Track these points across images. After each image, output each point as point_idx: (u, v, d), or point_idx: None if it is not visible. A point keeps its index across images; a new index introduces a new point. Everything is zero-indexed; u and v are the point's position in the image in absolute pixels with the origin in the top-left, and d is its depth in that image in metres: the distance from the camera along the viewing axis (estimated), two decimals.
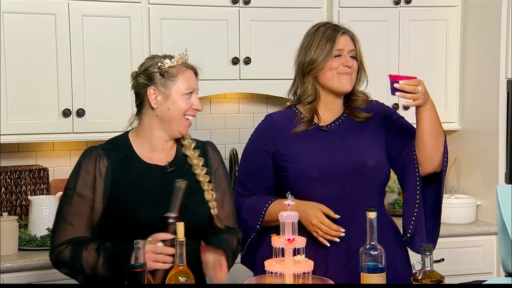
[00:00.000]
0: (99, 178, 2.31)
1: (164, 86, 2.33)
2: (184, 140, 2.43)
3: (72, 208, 2.31)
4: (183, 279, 2.04)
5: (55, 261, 2.32)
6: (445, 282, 2.11)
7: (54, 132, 3.29)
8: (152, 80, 2.34)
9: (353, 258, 2.34)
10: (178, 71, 2.34)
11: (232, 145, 3.88)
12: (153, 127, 2.37)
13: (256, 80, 3.63)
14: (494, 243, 3.66)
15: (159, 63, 2.34)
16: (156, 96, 2.34)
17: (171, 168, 2.37)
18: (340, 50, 2.47)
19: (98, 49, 3.32)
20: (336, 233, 2.37)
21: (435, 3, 3.83)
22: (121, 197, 2.30)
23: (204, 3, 3.51)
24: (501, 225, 2.15)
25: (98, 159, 2.33)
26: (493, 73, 3.65)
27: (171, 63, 2.34)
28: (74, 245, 2.28)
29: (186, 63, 2.38)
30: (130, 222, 2.27)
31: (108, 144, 2.40)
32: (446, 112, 3.90)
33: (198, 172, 2.40)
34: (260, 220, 2.48)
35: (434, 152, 2.46)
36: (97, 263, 2.23)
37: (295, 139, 2.48)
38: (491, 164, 3.68)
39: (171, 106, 2.34)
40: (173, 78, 2.33)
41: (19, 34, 3.20)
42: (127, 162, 2.35)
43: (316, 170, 2.42)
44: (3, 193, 3.39)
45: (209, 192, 2.39)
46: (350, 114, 2.53)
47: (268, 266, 2.06)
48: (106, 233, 2.31)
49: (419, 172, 2.47)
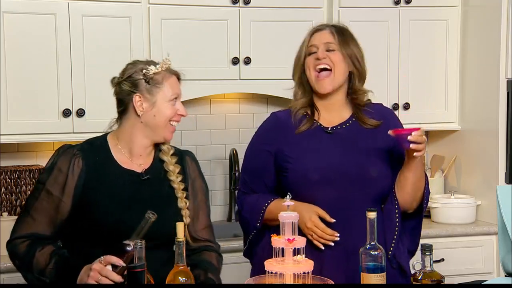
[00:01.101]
0: (71, 179, 2.29)
1: (149, 93, 2.32)
2: (164, 145, 2.41)
3: (38, 204, 2.30)
4: (183, 279, 2.03)
5: (9, 252, 2.32)
6: (445, 282, 2.11)
7: (54, 132, 3.29)
8: (137, 87, 2.33)
9: (350, 262, 2.34)
10: (163, 78, 2.33)
11: (232, 145, 3.88)
12: (135, 132, 2.35)
13: (256, 80, 3.63)
14: (494, 243, 3.65)
15: (144, 70, 2.32)
16: (142, 103, 2.32)
17: (147, 176, 2.36)
18: (313, 45, 2.46)
19: (98, 49, 3.32)
20: (330, 237, 2.36)
21: (435, 3, 3.83)
22: (92, 199, 2.28)
23: (204, 3, 3.51)
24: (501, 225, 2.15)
25: (73, 159, 2.31)
26: (493, 73, 3.65)
27: (156, 70, 2.32)
28: (31, 242, 2.28)
29: (170, 69, 2.36)
30: (98, 225, 2.26)
31: (86, 144, 2.38)
32: (446, 112, 3.90)
33: (173, 179, 2.38)
34: (260, 219, 2.48)
35: (411, 199, 2.46)
36: (46, 267, 2.23)
37: (298, 140, 2.47)
38: (491, 164, 3.68)
39: (156, 113, 2.32)
40: (159, 85, 2.32)
41: (19, 34, 3.20)
42: (102, 165, 2.33)
43: (316, 173, 2.40)
44: (3, 193, 3.39)
45: (182, 200, 2.37)
46: (359, 120, 2.50)
47: (268, 266, 2.06)
48: (72, 233, 2.30)
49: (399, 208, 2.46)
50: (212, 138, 3.90)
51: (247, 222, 2.53)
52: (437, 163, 4.01)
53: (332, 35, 2.46)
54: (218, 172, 3.91)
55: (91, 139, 2.42)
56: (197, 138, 3.84)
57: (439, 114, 3.90)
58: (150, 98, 2.32)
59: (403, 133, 2.32)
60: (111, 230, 2.24)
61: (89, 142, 2.40)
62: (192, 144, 3.80)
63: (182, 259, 2.04)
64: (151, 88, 2.31)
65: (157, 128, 2.34)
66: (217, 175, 3.91)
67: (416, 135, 2.30)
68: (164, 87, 2.32)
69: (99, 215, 2.26)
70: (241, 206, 2.56)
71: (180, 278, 2.03)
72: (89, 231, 2.27)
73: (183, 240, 2.05)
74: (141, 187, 2.34)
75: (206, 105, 3.85)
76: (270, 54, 3.61)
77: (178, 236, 2.05)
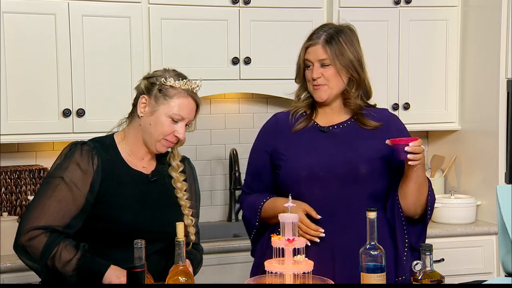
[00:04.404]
0: (90, 174, 2.27)
1: (155, 101, 2.31)
2: (175, 149, 2.41)
3: (56, 194, 2.25)
4: (183, 279, 2.04)
5: (25, 245, 2.23)
6: (445, 282, 2.11)
7: (54, 132, 3.29)
8: (149, 90, 2.33)
9: (338, 261, 2.36)
10: (176, 94, 2.31)
11: (232, 145, 3.88)
12: (137, 135, 2.36)
13: (256, 80, 3.63)
14: (494, 243, 3.66)
15: (162, 78, 2.31)
16: (146, 106, 2.32)
17: (154, 178, 2.37)
18: (308, 60, 2.46)
19: (98, 49, 3.32)
20: (315, 233, 2.37)
21: (435, 3, 3.83)
22: (106, 198, 2.28)
23: (204, 3, 3.51)
24: (501, 225, 2.15)
25: (91, 154, 2.30)
26: (493, 73, 3.65)
27: (173, 84, 2.31)
28: (51, 233, 2.22)
29: (190, 91, 2.33)
30: (111, 224, 2.26)
31: (96, 142, 2.36)
32: (446, 112, 3.90)
33: (179, 186, 2.39)
34: (257, 217, 2.49)
35: (415, 207, 2.45)
36: (72, 258, 2.19)
37: (293, 139, 2.48)
38: (491, 164, 3.68)
39: (153, 123, 2.31)
40: (168, 97, 2.30)
41: (19, 34, 3.20)
42: (113, 164, 2.33)
43: (304, 170, 2.41)
44: (3, 193, 3.39)
45: (183, 200, 2.39)
46: (358, 121, 2.49)
47: (268, 266, 2.06)
48: (84, 232, 2.28)
49: (404, 216, 2.45)
50: (212, 138, 3.90)
51: (247, 222, 2.56)
52: (437, 163, 4.01)
53: (324, 50, 2.42)
54: (218, 172, 3.92)
55: (98, 137, 2.41)
56: (197, 138, 3.84)
57: (439, 114, 3.90)
58: (154, 105, 2.31)
59: (400, 144, 2.30)
60: (125, 230, 2.25)
61: (98, 140, 2.39)
62: (192, 144, 3.80)
63: (182, 259, 2.05)
64: (160, 97, 2.31)
65: (151, 137, 2.33)
66: (217, 175, 3.91)
67: (413, 146, 2.29)
68: (172, 102, 2.30)
69: (112, 215, 2.27)
70: (242, 206, 2.60)
71: (180, 278, 2.03)
72: (104, 231, 2.27)
73: (183, 240, 2.05)
74: (149, 188, 2.35)
75: (206, 105, 3.85)
76: (270, 54, 3.61)
77: (178, 236, 2.06)
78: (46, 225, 2.23)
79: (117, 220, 2.26)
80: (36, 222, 2.24)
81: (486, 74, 3.71)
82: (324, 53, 2.43)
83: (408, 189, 2.41)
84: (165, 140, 2.34)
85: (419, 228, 2.49)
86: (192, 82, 2.33)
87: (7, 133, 3.20)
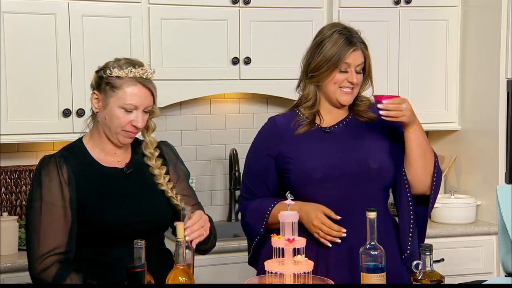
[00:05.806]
0: (64, 184, 2.25)
1: (105, 94, 2.27)
2: (147, 137, 2.38)
3: (44, 218, 2.22)
4: (183, 279, 2.03)
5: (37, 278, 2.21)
6: (445, 282, 2.11)
7: (54, 132, 3.29)
8: (98, 85, 2.30)
9: (355, 259, 2.33)
10: (123, 84, 2.26)
11: (232, 145, 3.88)
12: (101, 132, 2.34)
13: (256, 80, 3.63)
14: (494, 243, 3.66)
15: (108, 70, 2.27)
16: (98, 101, 2.30)
17: (129, 170, 2.35)
18: (347, 64, 2.42)
19: (98, 49, 3.32)
20: (337, 233, 2.36)
21: (435, 3, 3.83)
22: (85, 202, 2.26)
23: (204, 3, 3.51)
24: (501, 225, 2.15)
25: (59, 166, 2.26)
26: (493, 73, 3.65)
27: (119, 73, 2.25)
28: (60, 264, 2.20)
29: (138, 78, 2.27)
30: (97, 226, 2.26)
31: (65, 151, 2.34)
32: (446, 112, 3.90)
33: (157, 173, 2.36)
34: (264, 223, 2.47)
35: (423, 176, 2.46)
36: None
37: (297, 141, 2.47)
38: (491, 164, 3.68)
39: (108, 116, 2.28)
40: (115, 89, 2.26)
41: (19, 34, 3.20)
42: (85, 167, 2.31)
43: (319, 172, 2.40)
44: (3, 193, 3.39)
45: (165, 184, 2.36)
46: (356, 114, 2.51)
47: (268, 266, 2.06)
48: (79, 239, 2.26)
49: (411, 192, 2.47)
50: (212, 138, 3.90)
51: (250, 228, 2.53)
52: None
53: (363, 55, 2.45)
54: (218, 172, 3.91)
55: (68, 145, 2.39)
56: (197, 138, 3.84)
57: (439, 114, 3.90)
58: (104, 99, 2.28)
59: (380, 100, 2.38)
60: (114, 229, 2.25)
61: (67, 148, 2.37)
62: (192, 144, 3.80)
63: (182, 259, 2.04)
64: (108, 90, 2.27)
65: (110, 131, 2.30)
66: (217, 175, 3.91)
67: (385, 103, 2.35)
68: (120, 93, 2.26)
69: (96, 217, 2.26)
70: (244, 212, 2.56)
71: (180, 278, 2.03)
72: (93, 234, 2.27)
73: (183, 240, 2.05)
74: (127, 181, 2.33)
75: (206, 105, 3.85)
76: (270, 54, 3.61)
77: (178, 236, 2.06)
78: (52, 248, 2.21)
79: (101, 220, 2.25)
80: (40, 250, 2.21)
81: (486, 74, 3.71)
82: (362, 59, 2.45)
83: (412, 155, 2.43)
84: (125, 131, 2.29)
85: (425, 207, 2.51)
86: (139, 69, 2.27)
87: (7, 133, 3.20)
